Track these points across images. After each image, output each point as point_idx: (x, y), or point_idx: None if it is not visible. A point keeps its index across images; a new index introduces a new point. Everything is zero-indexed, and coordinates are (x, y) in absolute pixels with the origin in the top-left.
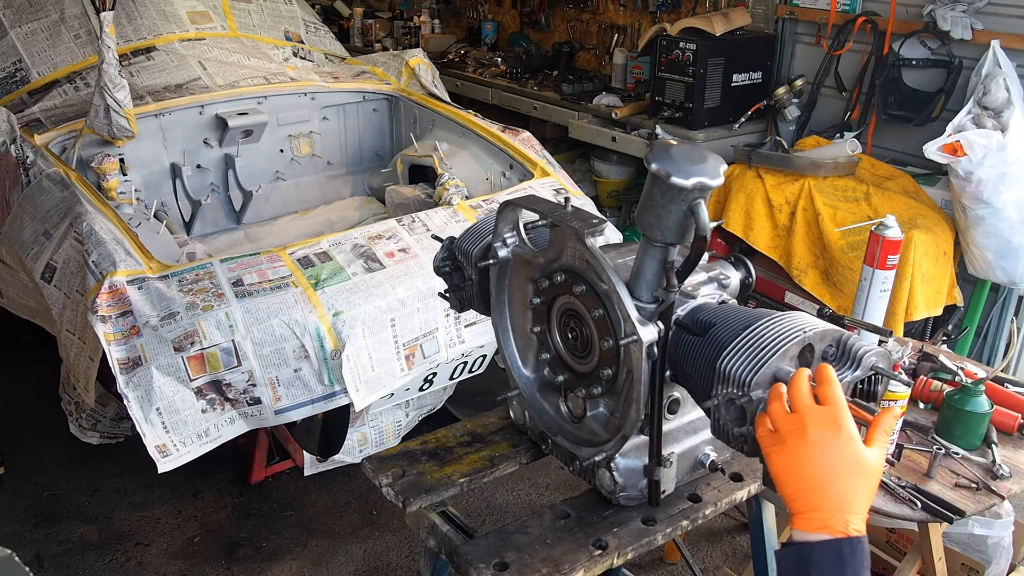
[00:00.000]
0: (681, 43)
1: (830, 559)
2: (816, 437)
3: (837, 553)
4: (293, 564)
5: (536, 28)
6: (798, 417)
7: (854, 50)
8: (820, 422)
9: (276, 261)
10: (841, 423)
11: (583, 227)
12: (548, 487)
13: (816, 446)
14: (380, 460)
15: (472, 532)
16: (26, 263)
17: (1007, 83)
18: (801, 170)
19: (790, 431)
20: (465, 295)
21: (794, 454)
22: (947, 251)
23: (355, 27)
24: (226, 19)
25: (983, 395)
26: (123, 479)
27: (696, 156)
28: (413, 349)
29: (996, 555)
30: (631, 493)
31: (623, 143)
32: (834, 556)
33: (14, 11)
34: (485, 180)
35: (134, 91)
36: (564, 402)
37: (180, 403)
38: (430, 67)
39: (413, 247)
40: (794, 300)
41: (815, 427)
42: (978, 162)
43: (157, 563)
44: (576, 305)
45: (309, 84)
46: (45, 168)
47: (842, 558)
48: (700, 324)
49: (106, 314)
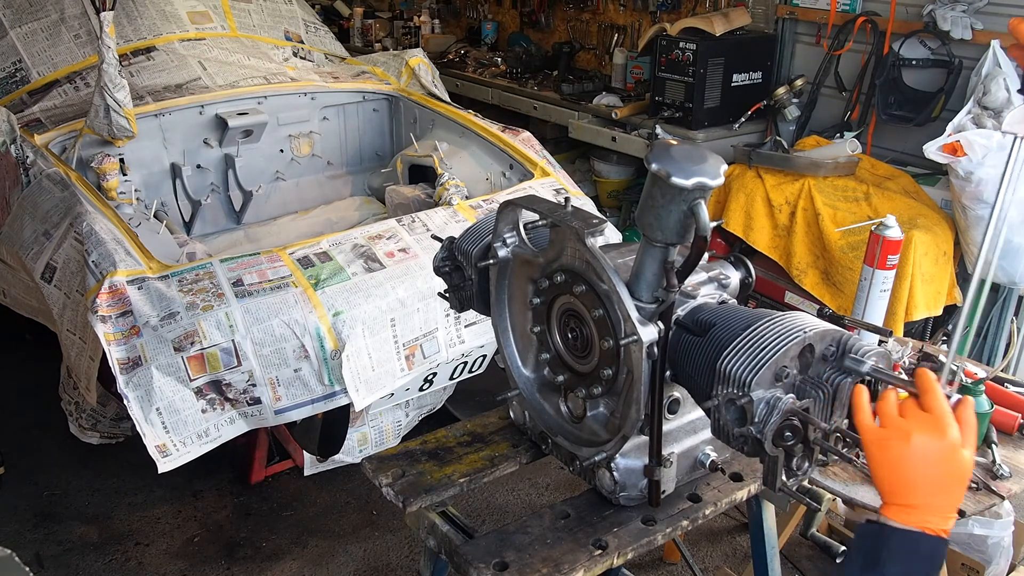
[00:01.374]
0: (681, 43)
1: (906, 549)
2: (919, 443)
3: (915, 545)
4: (293, 564)
5: (536, 28)
6: (905, 422)
7: (854, 50)
8: (925, 428)
9: (276, 261)
10: (947, 433)
11: (583, 227)
12: (548, 487)
13: (918, 452)
14: (380, 460)
15: (472, 532)
16: (26, 263)
17: (1007, 83)
18: (801, 170)
19: (895, 432)
20: (465, 295)
21: (895, 456)
22: (947, 251)
23: (355, 27)
24: (226, 19)
25: (983, 395)
26: (123, 479)
27: (696, 156)
28: (413, 349)
29: (996, 555)
30: (631, 493)
31: (623, 143)
32: (911, 547)
33: (14, 11)
34: (485, 180)
35: (134, 91)
36: (564, 402)
37: (180, 403)
38: (430, 67)
39: (413, 247)
40: (794, 300)
41: (920, 434)
42: (978, 162)
43: (157, 563)
44: (576, 305)
45: (309, 84)
46: (45, 168)
47: (919, 552)
48: (700, 324)
49: (106, 314)
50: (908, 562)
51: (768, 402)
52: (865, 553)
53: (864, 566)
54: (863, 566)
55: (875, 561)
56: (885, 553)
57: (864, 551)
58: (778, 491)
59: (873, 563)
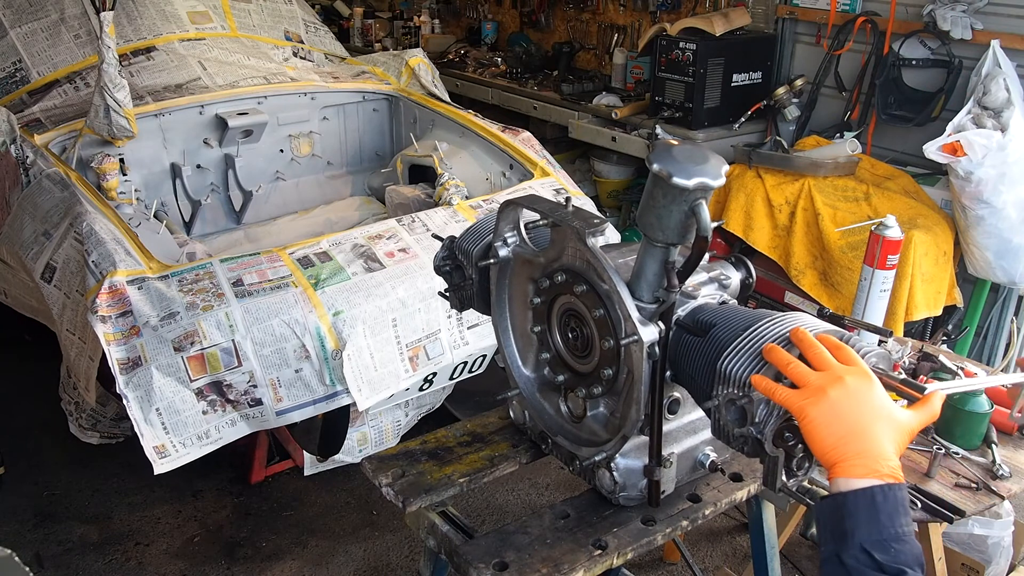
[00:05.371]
0: (681, 43)
1: (864, 505)
2: (855, 386)
3: (871, 499)
4: (293, 564)
5: (536, 28)
6: (832, 371)
7: (854, 50)
8: (855, 373)
9: (276, 261)
10: (871, 376)
11: (584, 227)
12: (548, 487)
13: (856, 394)
14: (380, 460)
15: (472, 532)
16: (26, 263)
17: (1007, 83)
18: (801, 170)
19: (829, 382)
20: (465, 294)
21: (836, 403)
22: (947, 251)
23: (355, 27)
24: (226, 19)
25: (983, 395)
26: (123, 479)
27: (698, 156)
28: (417, 351)
29: (996, 555)
30: (631, 493)
31: (623, 143)
32: (868, 502)
33: (14, 11)
34: (485, 180)
35: (134, 91)
36: (564, 402)
37: (180, 404)
38: (430, 67)
39: (413, 247)
40: (794, 300)
41: (853, 377)
42: (978, 162)
43: (157, 563)
44: (576, 305)
45: (309, 84)
46: (45, 168)
47: (875, 504)
48: (701, 324)
49: (106, 314)
50: (873, 520)
51: (768, 402)
52: (831, 529)
53: (835, 541)
54: (833, 541)
55: (842, 532)
56: (849, 521)
57: (830, 528)
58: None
59: (841, 535)
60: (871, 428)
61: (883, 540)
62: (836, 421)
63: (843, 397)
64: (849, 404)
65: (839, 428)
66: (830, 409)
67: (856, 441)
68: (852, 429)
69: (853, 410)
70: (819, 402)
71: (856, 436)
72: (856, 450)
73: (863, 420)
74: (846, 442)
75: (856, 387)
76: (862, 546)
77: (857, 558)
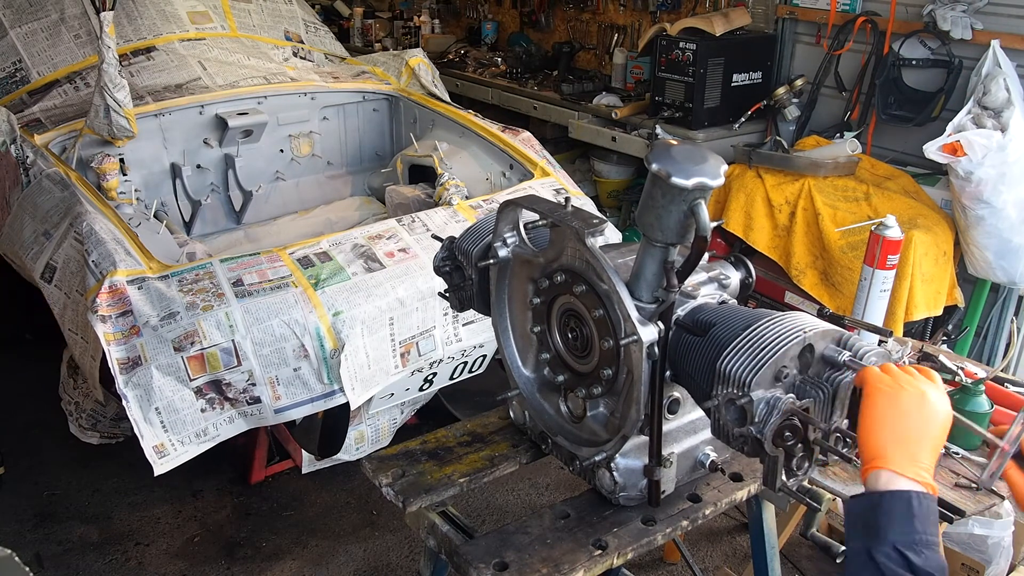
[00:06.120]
0: (681, 43)
1: (901, 506)
2: (933, 398)
3: (908, 502)
4: (293, 564)
5: (536, 28)
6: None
7: (854, 50)
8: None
9: (276, 261)
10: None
11: (583, 227)
12: (548, 487)
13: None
14: (380, 460)
15: (472, 532)
16: (26, 263)
17: (1007, 83)
18: (801, 170)
19: (911, 384)
20: (465, 295)
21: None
22: (947, 251)
23: (355, 27)
24: (226, 19)
25: (983, 395)
26: (123, 479)
27: (697, 156)
28: (409, 347)
29: (996, 555)
30: (631, 493)
31: (623, 143)
32: (905, 504)
33: (14, 11)
34: (485, 180)
35: (134, 91)
36: (564, 402)
37: (179, 402)
38: (430, 67)
39: (413, 247)
40: (794, 300)
41: (932, 389)
42: (978, 162)
43: (157, 563)
44: (576, 305)
45: (309, 84)
46: (45, 168)
47: (911, 508)
48: (700, 324)
49: (106, 314)
50: (908, 522)
51: (768, 402)
52: (864, 524)
53: (866, 536)
54: (865, 537)
55: (876, 529)
56: (884, 519)
57: (862, 523)
58: (778, 491)
59: (875, 531)
60: (928, 440)
61: (915, 544)
62: (901, 420)
63: (917, 403)
64: (920, 412)
65: (901, 427)
66: (899, 407)
67: (913, 445)
68: (913, 435)
69: (921, 418)
70: (892, 396)
71: (914, 442)
72: (911, 453)
73: (926, 430)
74: (904, 443)
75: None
76: (895, 545)
77: (889, 556)
